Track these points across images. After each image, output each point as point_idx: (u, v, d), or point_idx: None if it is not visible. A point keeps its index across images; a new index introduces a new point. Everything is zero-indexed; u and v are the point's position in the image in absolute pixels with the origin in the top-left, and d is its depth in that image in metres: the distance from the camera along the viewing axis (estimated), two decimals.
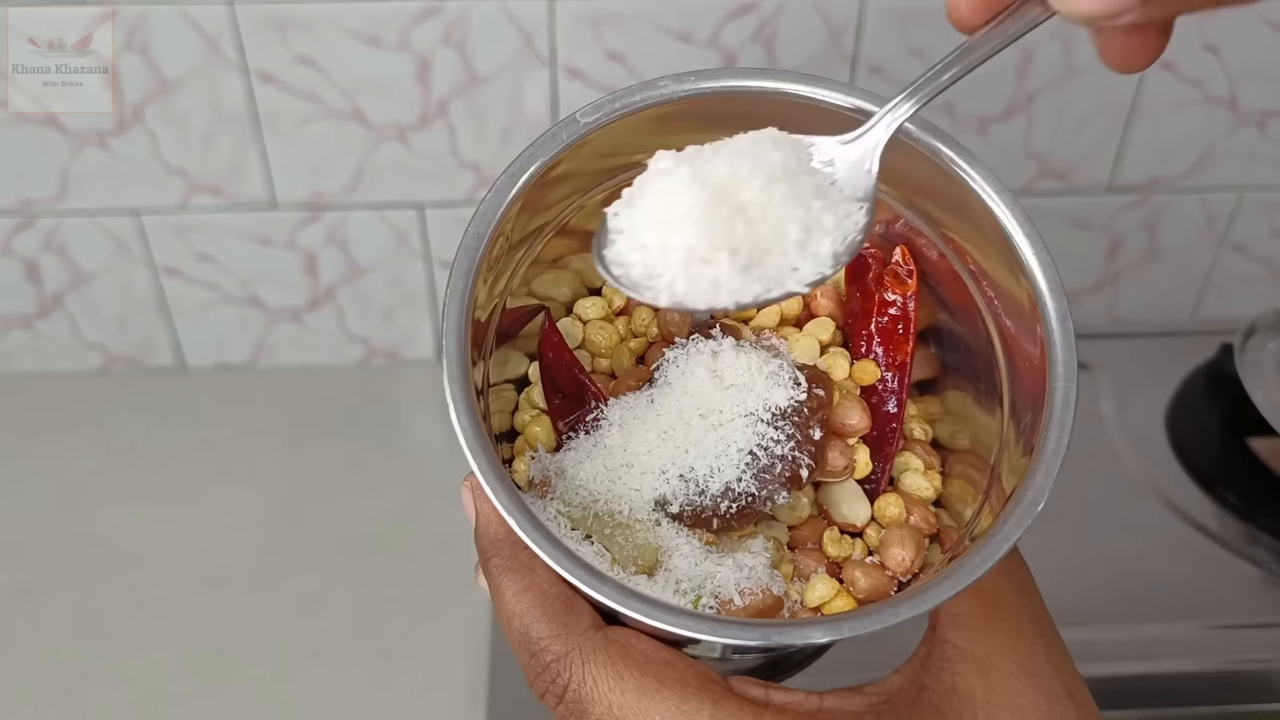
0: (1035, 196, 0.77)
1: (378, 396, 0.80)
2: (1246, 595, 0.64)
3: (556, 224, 0.34)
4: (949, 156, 0.32)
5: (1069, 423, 0.30)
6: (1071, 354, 0.31)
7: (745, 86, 0.32)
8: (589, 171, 0.33)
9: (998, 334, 0.33)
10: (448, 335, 0.29)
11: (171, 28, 0.66)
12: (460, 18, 0.67)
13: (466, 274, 0.30)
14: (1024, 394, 0.32)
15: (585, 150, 0.32)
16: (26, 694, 0.63)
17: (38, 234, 0.74)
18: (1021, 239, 0.33)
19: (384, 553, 0.69)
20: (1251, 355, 0.69)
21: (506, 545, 0.30)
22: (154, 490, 0.73)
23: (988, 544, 0.28)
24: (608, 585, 0.27)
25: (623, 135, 0.32)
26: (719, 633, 0.27)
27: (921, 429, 0.36)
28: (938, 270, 0.35)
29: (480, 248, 0.30)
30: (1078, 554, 0.65)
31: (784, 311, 0.35)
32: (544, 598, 0.29)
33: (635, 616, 0.27)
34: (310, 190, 0.73)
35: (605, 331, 0.36)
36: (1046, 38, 0.69)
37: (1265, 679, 0.60)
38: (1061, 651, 0.32)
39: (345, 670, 0.64)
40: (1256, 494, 0.69)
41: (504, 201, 0.31)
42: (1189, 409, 0.73)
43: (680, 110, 0.32)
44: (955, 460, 0.36)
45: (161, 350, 0.80)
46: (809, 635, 0.27)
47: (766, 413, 0.32)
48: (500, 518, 0.29)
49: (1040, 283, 0.32)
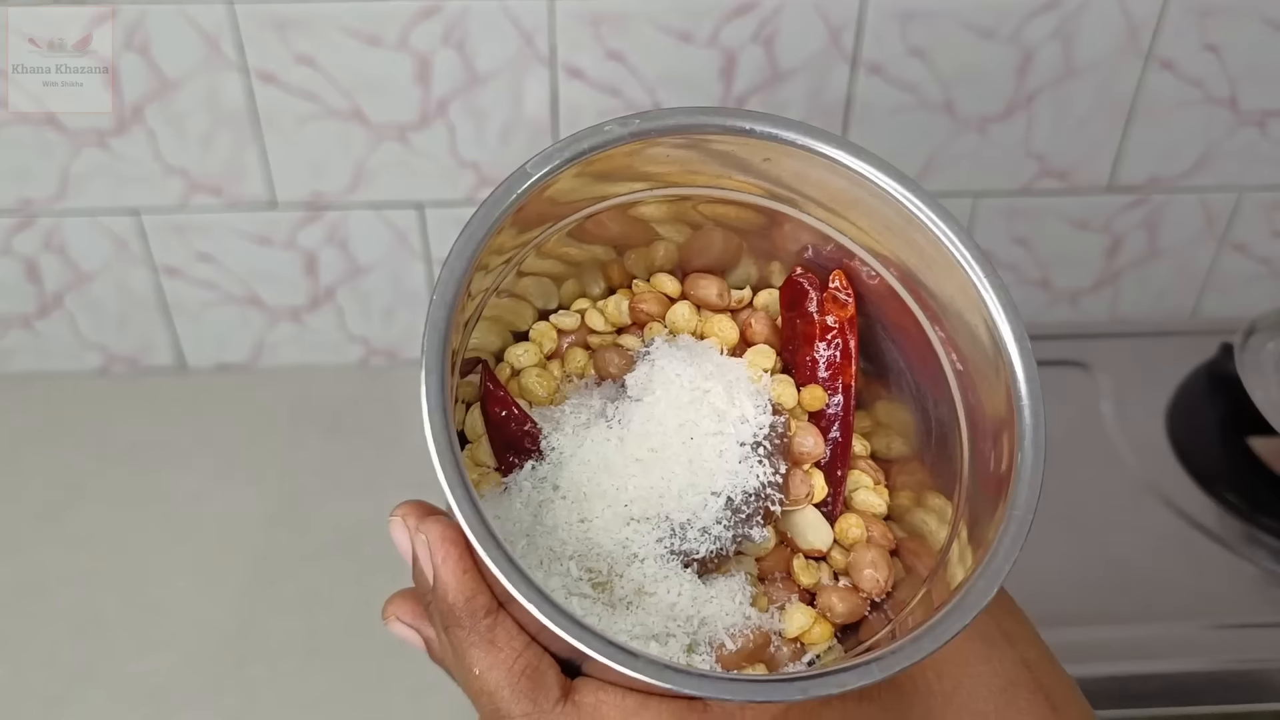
0: (1035, 196, 0.77)
1: (378, 396, 0.80)
2: (1246, 595, 0.64)
3: (497, 281, 0.33)
4: (891, 185, 0.32)
5: (1040, 465, 0.29)
6: (1033, 373, 0.30)
7: (689, 124, 0.31)
8: (535, 219, 0.32)
9: (949, 365, 0.33)
10: (432, 415, 0.27)
11: (171, 27, 0.66)
12: (460, 17, 0.67)
13: (441, 346, 0.28)
14: (981, 413, 0.32)
15: (538, 199, 0.31)
16: (26, 694, 0.63)
17: (38, 234, 0.74)
18: (974, 271, 0.31)
19: (383, 553, 0.69)
20: (1251, 355, 0.69)
21: (467, 615, 0.29)
22: (154, 490, 0.73)
23: (977, 582, 0.28)
24: (615, 650, 0.26)
25: (568, 183, 0.31)
26: (735, 693, 0.26)
27: (861, 444, 0.36)
28: (873, 290, 0.34)
29: (447, 318, 0.28)
30: (1077, 553, 0.65)
31: (722, 341, 0.35)
32: (509, 674, 0.29)
33: (648, 680, 0.26)
34: (310, 190, 0.73)
35: (543, 379, 0.34)
36: (1046, 37, 0.70)
37: (1265, 679, 0.60)
38: (999, 599, 0.32)
39: (345, 670, 0.64)
40: (1256, 493, 0.69)
41: (464, 264, 0.29)
42: (1189, 408, 0.73)
43: (627, 152, 0.31)
44: (897, 470, 0.36)
45: (161, 350, 0.80)
46: (845, 682, 0.27)
47: (743, 443, 0.32)
48: (459, 581, 0.29)
49: (994, 308, 0.31)
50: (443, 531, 0.29)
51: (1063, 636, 0.61)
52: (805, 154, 0.32)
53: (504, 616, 0.29)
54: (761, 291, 0.37)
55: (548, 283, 0.34)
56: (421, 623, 0.33)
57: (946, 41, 0.69)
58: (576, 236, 0.33)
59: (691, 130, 0.31)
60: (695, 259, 0.36)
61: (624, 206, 0.33)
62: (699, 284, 0.35)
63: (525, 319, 0.35)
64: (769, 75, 0.70)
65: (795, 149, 0.32)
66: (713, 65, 0.69)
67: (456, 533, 0.29)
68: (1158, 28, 0.69)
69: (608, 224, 0.33)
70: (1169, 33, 0.69)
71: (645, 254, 0.35)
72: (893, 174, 0.32)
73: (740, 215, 0.34)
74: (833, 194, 0.33)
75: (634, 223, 0.34)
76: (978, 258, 0.31)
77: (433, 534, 0.29)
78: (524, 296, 0.34)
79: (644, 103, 0.70)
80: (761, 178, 0.33)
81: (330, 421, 0.78)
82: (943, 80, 0.71)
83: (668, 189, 0.33)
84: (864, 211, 0.33)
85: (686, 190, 0.33)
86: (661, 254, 0.35)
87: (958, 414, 0.33)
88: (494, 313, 0.33)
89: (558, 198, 0.31)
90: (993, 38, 0.69)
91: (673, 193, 0.33)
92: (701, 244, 0.35)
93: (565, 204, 0.32)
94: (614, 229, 0.34)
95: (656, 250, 0.35)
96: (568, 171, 0.30)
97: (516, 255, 0.32)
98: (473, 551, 0.28)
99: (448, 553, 0.29)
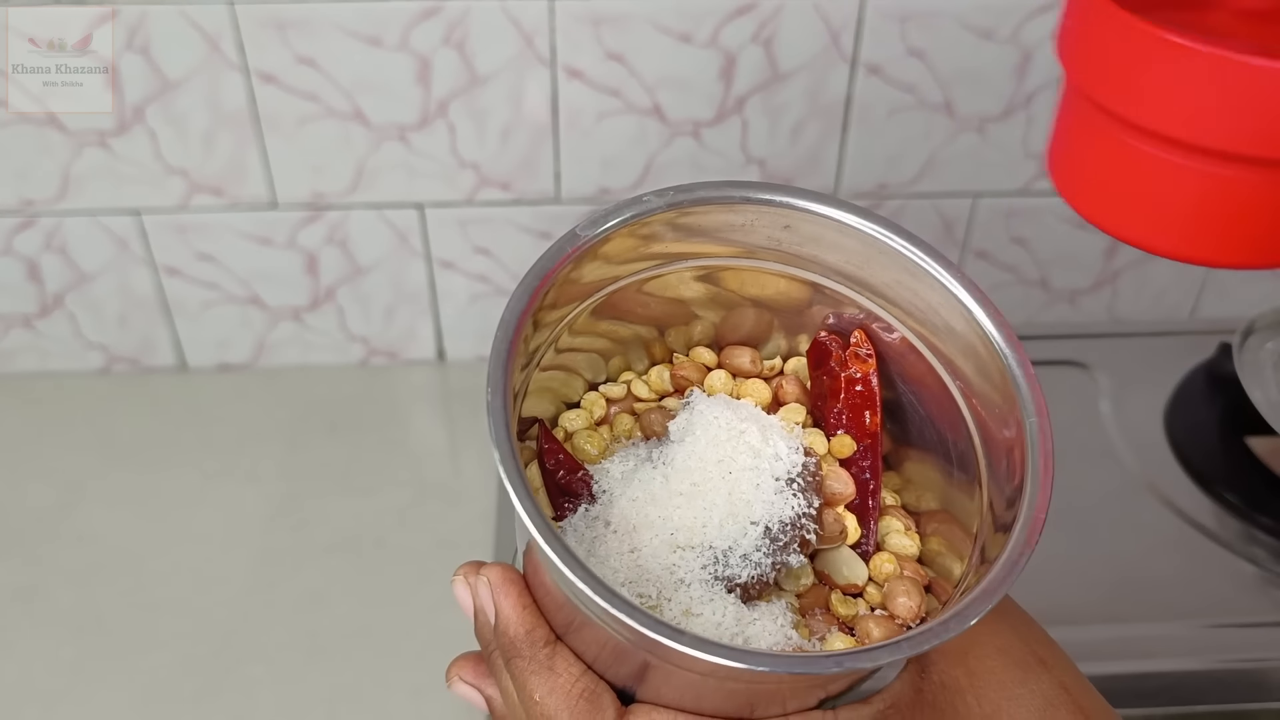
0: (1035, 196, 0.77)
1: (378, 396, 0.80)
2: (1244, 594, 0.64)
3: (549, 343, 0.36)
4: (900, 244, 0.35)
5: (1049, 480, 0.32)
6: (1033, 387, 0.33)
7: (717, 195, 0.35)
8: (577, 289, 0.36)
9: (966, 407, 0.36)
10: (498, 439, 0.30)
11: (172, 28, 0.66)
12: (460, 18, 0.67)
13: (503, 376, 0.31)
14: (995, 446, 0.35)
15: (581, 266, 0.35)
16: (28, 693, 0.63)
17: (38, 234, 0.74)
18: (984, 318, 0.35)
19: (384, 553, 0.69)
20: (1250, 354, 0.69)
21: (527, 646, 0.32)
22: (154, 490, 0.73)
23: (996, 570, 0.30)
24: (687, 637, 0.28)
25: (614, 245, 0.35)
26: (798, 666, 0.28)
27: (892, 497, 0.39)
28: (891, 348, 0.37)
29: (505, 360, 0.31)
30: (1076, 553, 0.66)
31: (756, 400, 0.38)
32: (568, 697, 0.31)
33: (719, 661, 0.27)
34: (311, 190, 0.73)
35: (593, 439, 0.37)
36: (1045, 37, 0.70)
37: (1263, 678, 0.60)
38: (1029, 625, 0.35)
39: (345, 670, 0.64)
40: (1255, 493, 0.69)
41: (518, 313, 0.32)
42: (1188, 408, 0.74)
43: (664, 220, 0.35)
44: (927, 520, 0.38)
45: (162, 350, 0.80)
46: (876, 658, 0.28)
47: (777, 478, 0.34)
48: (520, 616, 0.32)
49: (1007, 354, 0.34)
50: (502, 573, 0.32)
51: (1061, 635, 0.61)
52: (819, 219, 0.35)
53: (562, 647, 0.32)
54: (791, 359, 0.40)
55: (596, 358, 0.38)
56: (484, 682, 0.35)
57: (946, 42, 0.70)
58: (621, 315, 0.37)
59: (718, 201, 0.35)
60: (730, 335, 0.39)
61: (663, 283, 0.37)
62: (734, 354, 0.39)
63: (576, 390, 0.38)
64: (769, 76, 0.70)
65: (811, 215, 0.35)
66: (713, 66, 0.69)
67: (514, 574, 0.32)
68: None
69: (650, 304, 0.37)
70: None
71: (684, 331, 0.39)
72: (893, 229, 0.35)
73: (768, 286, 0.38)
74: (847, 255, 0.36)
75: (673, 304, 0.38)
76: (975, 294, 0.34)
77: (494, 576, 0.32)
78: (574, 370, 0.37)
79: (644, 103, 0.70)
80: (783, 246, 0.37)
81: (330, 421, 0.78)
82: (942, 80, 0.71)
83: (701, 260, 0.37)
84: (877, 269, 0.36)
85: (719, 261, 0.37)
86: (699, 331, 0.39)
87: (977, 455, 0.35)
88: (546, 384, 0.37)
89: (587, 275, 0.35)
90: (992, 38, 0.69)
91: (705, 264, 0.37)
92: (735, 321, 0.39)
93: (612, 269, 0.36)
94: (655, 309, 0.37)
95: (694, 328, 0.39)
96: (616, 236, 0.34)
97: (562, 325, 0.36)
98: (536, 583, 0.31)
99: (508, 591, 0.32)
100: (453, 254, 0.77)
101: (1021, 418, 0.33)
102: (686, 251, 0.36)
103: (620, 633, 0.29)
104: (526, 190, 0.74)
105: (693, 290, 0.38)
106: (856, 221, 0.35)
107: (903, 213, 0.77)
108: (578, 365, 0.38)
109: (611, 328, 0.37)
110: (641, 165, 0.73)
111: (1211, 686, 0.60)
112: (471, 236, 0.76)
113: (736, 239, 0.37)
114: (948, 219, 0.78)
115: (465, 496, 0.72)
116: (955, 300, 0.34)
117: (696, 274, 0.37)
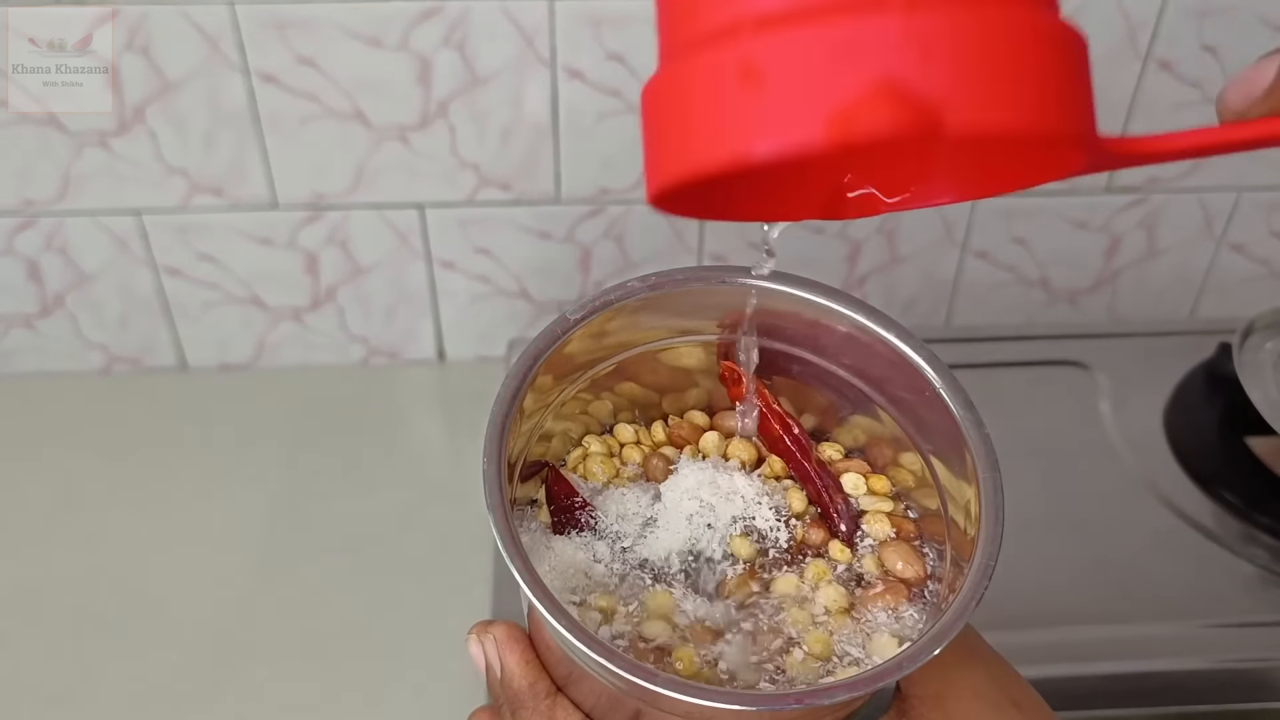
0: (1034, 196, 0.77)
1: (378, 396, 0.80)
2: (1244, 594, 0.64)
3: (557, 401, 0.40)
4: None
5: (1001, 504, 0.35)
6: (985, 443, 0.36)
7: (694, 278, 0.39)
8: (569, 367, 0.39)
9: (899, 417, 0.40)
10: (492, 504, 0.33)
11: (172, 28, 0.66)
12: (460, 18, 0.67)
13: (497, 447, 0.35)
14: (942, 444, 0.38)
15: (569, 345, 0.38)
16: (27, 693, 0.63)
17: (39, 234, 0.74)
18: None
19: (384, 553, 0.70)
20: (1250, 355, 0.69)
21: (530, 697, 0.34)
22: (154, 490, 0.73)
23: (949, 614, 0.32)
24: (661, 679, 0.30)
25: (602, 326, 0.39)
26: (761, 704, 0.31)
27: (834, 449, 0.42)
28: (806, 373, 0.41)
29: (500, 431, 0.35)
30: (1075, 553, 0.66)
31: (741, 457, 0.41)
32: None
33: (689, 700, 0.30)
34: (311, 190, 0.73)
35: (605, 465, 0.41)
36: None
37: (1263, 678, 0.60)
38: (1003, 668, 0.36)
39: (345, 670, 0.64)
40: (1254, 493, 0.69)
41: (513, 389, 0.36)
42: (1187, 408, 0.74)
43: (646, 303, 0.39)
44: (879, 454, 0.41)
45: (163, 350, 0.80)
46: (835, 695, 0.31)
47: (748, 509, 0.39)
48: (524, 670, 0.35)
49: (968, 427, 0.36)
50: (508, 631, 0.36)
51: (1060, 635, 0.62)
52: (783, 296, 0.39)
53: (562, 698, 0.35)
54: None
55: (608, 409, 0.43)
56: None
57: None
58: (631, 378, 0.42)
59: (696, 281, 0.39)
60: (720, 400, 0.44)
61: (653, 355, 0.41)
62: (725, 418, 0.43)
63: (594, 431, 0.43)
64: None
65: (775, 293, 0.39)
66: None
67: (518, 631, 0.36)
68: (1156, 28, 0.69)
69: (656, 371, 0.42)
70: (1167, 33, 0.70)
71: (680, 398, 0.43)
72: (847, 302, 0.39)
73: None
74: (801, 326, 0.40)
75: (675, 371, 0.42)
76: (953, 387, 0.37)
77: (500, 634, 0.35)
78: (594, 415, 0.42)
79: None
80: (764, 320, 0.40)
81: (330, 421, 0.78)
82: None
83: (683, 337, 0.41)
84: (823, 331, 0.40)
85: (699, 338, 0.41)
86: (693, 397, 0.44)
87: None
88: (564, 427, 0.41)
89: (581, 353, 0.39)
90: None
91: (689, 340, 0.41)
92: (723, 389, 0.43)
93: (602, 349, 0.40)
94: (660, 376, 0.42)
95: (690, 395, 0.43)
96: (599, 320, 0.38)
97: (567, 391, 0.40)
98: (539, 639, 0.35)
99: (512, 648, 0.35)
100: (453, 254, 0.77)
101: (975, 463, 0.36)
102: (669, 326, 0.40)
103: (609, 680, 0.32)
104: (527, 190, 0.74)
105: (694, 360, 0.42)
106: (811, 296, 0.39)
107: (903, 212, 0.77)
108: (598, 412, 0.42)
109: (623, 386, 0.42)
110: (641, 165, 0.73)
111: (1211, 686, 0.60)
112: (472, 237, 0.76)
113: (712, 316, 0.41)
114: (948, 219, 0.78)
115: (465, 497, 0.72)
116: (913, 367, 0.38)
117: (691, 346, 0.41)
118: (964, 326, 0.83)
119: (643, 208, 0.75)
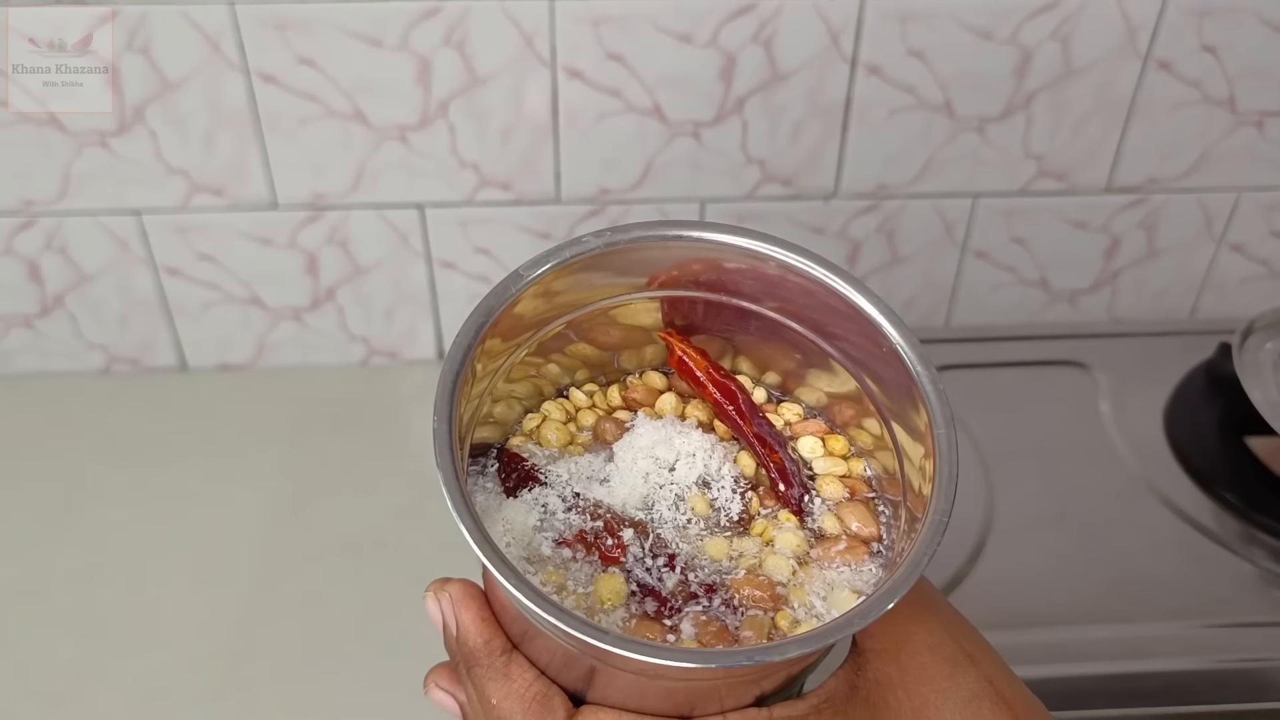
0: (1034, 196, 0.77)
1: (378, 396, 0.80)
2: (1244, 594, 0.64)
3: (506, 365, 0.39)
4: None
5: (955, 447, 0.35)
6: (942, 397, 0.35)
7: (651, 235, 0.38)
8: (521, 325, 0.39)
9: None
10: (442, 462, 0.34)
11: (172, 28, 0.66)
12: (460, 18, 0.67)
13: (448, 406, 0.35)
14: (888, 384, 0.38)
15: (522, 303, 0.38)
16: (27, 693, 0.63)
17: (39, 234, 0.74)
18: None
19: (384, 552, 0.70)
20: (1250, 355, 0.69)
21: (485, 655, 0.34)
22: (154, 490, 0.73)
23: (901, 570, 0.32)
24: (610, 636, 0.30)
25: (554, 283, 0.38)
26: (713, 660, 0.31)
27: (793, 411, 0.41)
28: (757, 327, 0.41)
29: (451, 391, 0.35)
30: (1075, 552, 0.66)
31: (701, 419, 0.41)
32: (522, 700, 0.34)
33: (640, 658, 0.30)
34: (311, 190, 0.73)
35: (560, 431, 0.40)
36: (1046, 38, 0.70)
37: (1263, 678, 0.60)
38: (957, 622, 0.36)
39: (345, 670, 0.64)
40: (1254, 493, 0.69)
41: (464, 348, 0.36)
42: (1187, 408, 0.74)
43: (599, 259, 0.38)
44: (839, 411, 0.41)
45: (163, 350, 0.80)
46: (786, 651, 0.31)
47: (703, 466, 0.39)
48: (479, 628, 0.35)
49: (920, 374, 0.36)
50: (463, 589, 0.35)
51: (1060, 635, 0.62)
52: (741, 250, 0.38)
53: (517, 655, 0.34)
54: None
55: (561, 372, 0.42)
56: (456, 688, 0.38)
57: (945, 42, 0.70)
58: (585, 337, 0.40)
59: (654, 240, 0.38)
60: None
61: (606, 312, 0.40)
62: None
63: (546, 395, 0.42)
64: (769, 76, 0.70)
65: (738, 249, 0.38)
66: (713, 66, 0.69)
67: (474, 589, 0.35)
68: (1156, 28, 0.69)
69: (611, 330, 0.41)
70: (1167, 33, 0.70)
71: (639, 354, 0.42)
72: (803, 254, 0.38)
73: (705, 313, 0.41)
74: (765, 283, 0.40)
75: (633, 330, 0.41)
76: (905, 336, 0.37)
77: (455, 591, 0.35)
78: (545, 378, 0.41)
79: (644, 103, 0.70)
80: (720, 277, 0.40)
81: (330, 421, 0.78)
82: (941, 81, 0.71)
83: (640, 293, 0.40)
84: (788, 288, 0.39)
85: (658, 294, 0.40)
86: (650, 354, 0.42)
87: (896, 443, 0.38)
88: (513, 393, 0.40)
89: (534, 311, 0.38)
90: (991, 39, 0.70)
91: (644, 295, 0.40)
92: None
93: (554, 308, 0.39)
94: (616, 335, 0.41)
95: (648, 352, 0.42)
96: (560, 273, 0.37)
97: (522, 350, 0.39)
98: (494, 597, 0.35)
99: (467, 605, 0.35)
100: (453, 254, 0.77)
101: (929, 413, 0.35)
102: (626, 284, 0.40)
103: (561, 639, 0.32)
104: (527, 190, 0.74)
105: (650, 318, 0.41)
106: (769, 250, 0.38)
107: (902, 213, 0.77)
108: (550, 375, 0.41)
109: (575, 348, 0.41)
110: (642, 165, 0.73)
111: (1211, 686, 0.60)
112: (472, 236, 0.76)
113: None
114: (947, 219, 0.78)
115: None
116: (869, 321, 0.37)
117: (649, 304, 0.40)
118: (964, 326, 0.83)
119: (642, 207, 0.75)
